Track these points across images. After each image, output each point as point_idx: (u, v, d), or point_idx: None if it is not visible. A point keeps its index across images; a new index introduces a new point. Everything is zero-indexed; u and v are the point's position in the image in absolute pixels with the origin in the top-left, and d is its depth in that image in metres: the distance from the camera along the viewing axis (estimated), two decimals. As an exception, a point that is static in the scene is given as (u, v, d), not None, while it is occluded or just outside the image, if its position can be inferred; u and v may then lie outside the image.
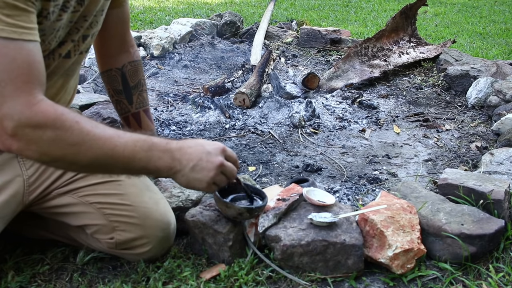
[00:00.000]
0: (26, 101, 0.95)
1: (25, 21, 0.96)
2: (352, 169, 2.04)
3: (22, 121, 0.95)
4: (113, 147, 1.03)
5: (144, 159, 1.07)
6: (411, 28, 3.61)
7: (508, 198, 1.51)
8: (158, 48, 3.54)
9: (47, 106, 0.98)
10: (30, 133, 0.96)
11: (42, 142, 0.98)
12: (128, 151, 1.05)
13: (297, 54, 3.82)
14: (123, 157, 1.05)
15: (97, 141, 1.02)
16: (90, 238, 1.34)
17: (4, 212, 1.20)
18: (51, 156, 1.01)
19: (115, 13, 1.41)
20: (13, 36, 0.94)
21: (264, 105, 2.62)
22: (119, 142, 1.04)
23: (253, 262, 1.34)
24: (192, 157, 1.12)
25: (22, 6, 0.95)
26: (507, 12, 6.07)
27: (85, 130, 1.01)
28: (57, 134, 0.98)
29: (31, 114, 0.96)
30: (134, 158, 1.06)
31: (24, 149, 0.98)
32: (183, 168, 1.11)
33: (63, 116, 0.99)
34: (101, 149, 1.02)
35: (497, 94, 2.54)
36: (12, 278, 1.28)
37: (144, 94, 1.61)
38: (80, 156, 1.02)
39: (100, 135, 1.02)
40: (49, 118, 0.97)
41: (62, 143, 0.99)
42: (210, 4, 6.23)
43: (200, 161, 1.12)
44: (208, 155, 1.13)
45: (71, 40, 1.21)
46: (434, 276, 1.33)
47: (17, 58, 0.95)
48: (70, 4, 1.10)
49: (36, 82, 0.98)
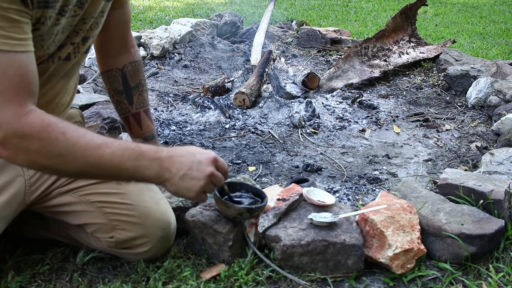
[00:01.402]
0: (15, 113, 0.98)
1: (17, 32, 0.97)
2: (352, 169, 2.04)
3: (10, 131, 0.98)
4: (99, 157, 1.04)
5: (131, 169, 1.07)
6: (411, 28, 3.61)
7: (508, 198, 1.51)
8: (158, 48, 3.54)
9: (34, 118, 1.00)
10: (18, 143, 0.99)
11: (30, 152, 1.00)
12: (115, 161, 1.05)
13: (297, 54, 3.82)
14: (109, 167, 1.06)
15: (83, 152, 1.03)
16: (90, 237, 1.34)
17: (6, 212, 1.20)
18: (39, 164, 1.04)
19: (116, 14, 1.41)
20: (5, 48, 0.95)
21: (264, 105, 2.62)
22: (105, 152, 1.05)
23: (253, 262, 1.34)
24: (182, 166, 1.11)
25: (15, 18, 0.96)
26: (507, 12, 6.07)
27: (71, 141, 1.02)
28: (43, 145, 1.00)
29: (18, 125, 0.98)
30: (121, 168, 1.06)
31: (13, 157, 1.01)
32: (172, 176, 1.11)
33: (49, 127, 1.01)
34: (86, 159, 1.03)
35: (497, 94, 2.54)
36: (12, 278, 1.28)
37: (145, 94, 1.61)
38: (67, 166, 1.04)
39: (87, 145, 1.04)
40: (35, 130, 0.99)
41: (48, 154, 1.01)
42: (210, 4, 6.23)
43: (190, 170, 1.11)
44: (199, 164, 1.13)
45: (71, 43, 1.21)
46: (434, 276, 1.33)
47: (8, 71, 0.97)
48: (68, 8, 1.10)
49: (27, 93, 1.00)
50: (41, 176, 1.27)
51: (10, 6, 0.93)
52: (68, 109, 1.40)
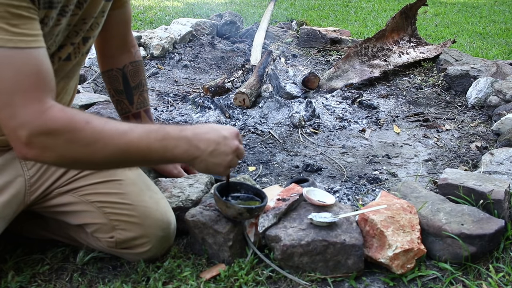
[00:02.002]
0: (37, 109, 0.96)
1: (30, 28, 0.96)
2: (352, 169, 2.04)
3: (34, 129, 0.96)
4: (127, 141, 1.03)
5: (160, 150, 1.07)
6: (411, 28, 3.61)
7: (508, 198, 1.51)
8: (158, 48, 3.54)
9: (57, 112, 0.99)
10: (44, 140, 0.97)
11: (57, 147, 0.99)
12: (143, 144, 1.05)
13: (297, 54, 3.82)
14: (138, 150, 1.05)
15: (111, 138, 1.02)
16: (90, 237, 1.34)
17: (6, 212, 1.20)
18: (68, 159, 1.02)
19: (116, 14, 1.41)
20: (21, 45, 0.94)
21: (264, 105, 2.62)
22: (133, 136, 1.04)
23: (253, 262, 1.34)
24: (210, 142, 1.12)
25: (26, 15, 0.95)
26: (507, 12, 6.07)
27: (97, 129, 1.01)
28: (70, 138, 0.99)
29: (42, 121, 0.96)
30: (150, 150, 1.06)
31: (40, 156, 0.99)
32: (202, 153, 1.12)
33: (74, 118, 1.00)
34: (116, 145, 1.02)
35: (497, 94, 2.54)
36: (12, 278, 1.28)
37: (145, 94, 1.61)
38: (96, 155, 1.02)
39: (113, 131, 1.03)
40: (60, 123, 0.98)
41: (76, 145, 1.00)
42: (210, 4, 6.23)
43: (218, 145, 1.13)
44: (225, 139, 1.14)
45: (71, 43, 1.21)
46: (434, 276, 1.33)
47: (25, 68, 0.96)
48: (68, 9, 1.10)
49: (45, 88, 0.99)
50: (41, 176, 1.27)
51: (20, 4, 0.93)
52: (68, 109, 1.40)
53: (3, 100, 0.95)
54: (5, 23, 0.92)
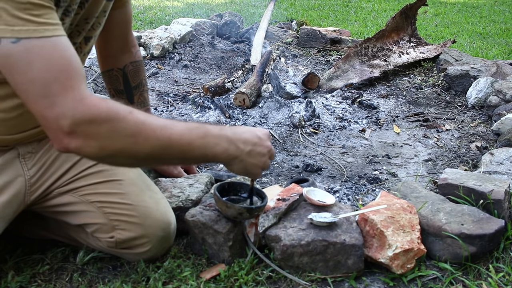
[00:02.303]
0: (76, 97, 0.93)
1: (53, 18, 0.95)
2: (352, 169, 2.04)
3: (77, 117, 0.93)
4: (169, 135, 1.01)
5: (201, 146, 1.06)
6: (411, 28, 3.61)
7: (508, 198, 1.51)
8: (158, 48, 3.54)
9: (98, 100, 0.96)
10: (87, 128, 0.94)
11: (100, 136, 0.95)
12: (185, 139, 1.04)
13: (297, 54, 3.82)
14: (180, 145, 1.03)
15: (154, 130, 1.00)
16: (90, 237, 1.34)
17: (6, 212, 1.20)
18: (110, 149, 0.98)
19: (117, 14, 1.41)
20: (47, 34, 0.93)
21: (264, 105, 2.62)
22: (174, 130, 1.02)
23: (253, 262, 1.34)
24: (248, 142, 1.13)
25: (47, 5, 0.94)
26: (507, 12, 6.07)
27: (140, 120, 0.99)
28: (113, 126, 0.96)
29: (84, 108, 0.93)
30: (191, 146, 1.04)
31: (83, 146, 0.95)
32: (241, 153, 1.12)
33: (115, 107, 0.97)
34: (158, 138, 1.00)
35: (497, 94, 2.54)
36: (12, 278, 1.28)
37: (145, 94, 1.61)
38: (139, 147, 0.99)
39: (155, 124, 1.01)
40: (103, 111, 0.95)
41: (119, 135, 0.97)
42: (210, 4, 6.23)
43: (255, 146, 1.14)
44: (260, 140, 1.15)
45: (73, 43, 1.20)
46: (434, 276, 1.33)
47: (55, 56, 0.93)
48: (72, 9, 1.10)
49: (79, 76, 0.96)
50: (41, 176, 1.27)
51: None
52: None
53: (38, 91, 0.92)
54: (28, 14, 0.91)
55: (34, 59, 0.91)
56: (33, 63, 0.91)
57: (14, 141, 1.20)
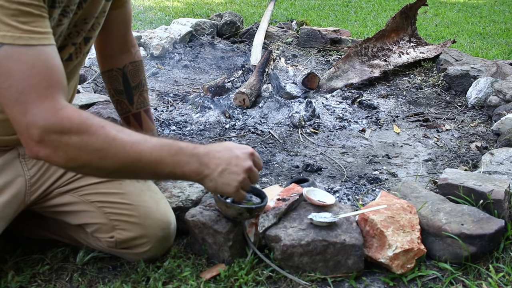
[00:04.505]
0: (51, 107, 0.95)
1: (41, 26, 0.96)
2: (352, 169, 2.04)
3: (48, 127, 0.94)
4: (140, 151, 1.01)
5: (171, 164, 1.05)
6: (411, 28, 3.61)
7: (508, 198, 1.51)
8: (158, 48, 3.54)
9: (72, 111, 0.97)
10: (56, 139, 0.95)
11: (69, 148, 0.97)
12: (155, 155, 1.03)
13: (297, 54, 3.82)
14: (150, 162, 1.03)
15: (124, 146, 1.00)
16: (90, 237, 1.34)
17: (6, 212, 1.20)
18: (78, 161, 0.99)
19: (117, 14, 1.41)
20: (32, 42, 0.94)
21: (264, 105, 2.62)
22: (146, 146, 1.02)
23: (253, 262, 1.34)
24: (221, 162, 1.10)
25: (37, 13, 0.95)
26: (507, 12, 6.07)
27: (111, 134, 0.99)
28: (83, 139, 0.97)
29: (57, 119, 0.95)
30: (161, 163, 1.04)
31: (51, 155, 0.97)
32: (211, 172, 1.09)
33: (89, 120, 0.98)
34: (127, 153, 1.00)
35: (497, 94, 2.54)
36: (12, 278, 1.28)
37: (145, 94, 1.61)
38: (107, 161, 1.00)
39: (127, 139, 1.01)
40: (74, 123, 0.96)
41: (88, 148, 0.98)
42: (210, 4, 6.23)
43: (228, 165, 1.10)
44: (237, 159, 1.12)
45: (72, 44, 1.21)
46: (434, 276, 1.33)
47: (37, 64, 0.94)
48: (70, 9, 1.10)
49: (58, 86, 0.97)
50: (41, 176, 1.27)
51: (31, 1, 0.93)
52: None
53: (15, 97, 0.93)
54: (15, 20, 0.91)
55: (14, 65, 0.92)
56: (13, 70, 0.93)
57: (14, 141, 1.20)
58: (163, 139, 1.08)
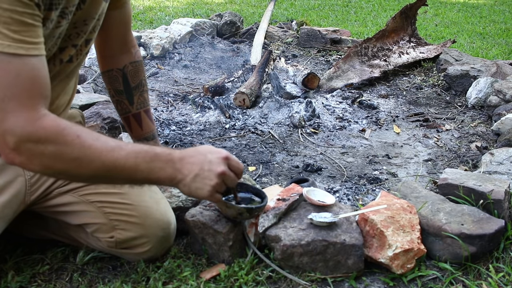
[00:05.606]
0: (29, 116, 0.96)
1: (32, 36, 0.96)
2: (352, 169, 2.04)
3: (23, 136, 0.96)
4: (115, 160, 1.04)
5: (146, 171, 1.07)
6: (411, 28, 3.61)
7: (508, 198, 1.51)
8: (158, 48, 3.54)
9: (49, 121, 0.99)
10: (32, 148, 0.97)
11: (44, 157, 0.99)
12: (130, 163, 1.05)
13: (297, 54, 3.82)
14: (124, 169, 1.05)
15: (99, 155, 1.02)
16: (90, 237, 1.34)
17: (6, 212, 1.20)
18: (54, 170, 1.02)
19: (116, 14, 1.41)
20: (20, 52, 0.94)
21: (264, 105, 2.62)
22: (120, 154, 1.04)
23: (253, 262, 1.34)
24: (193, 167, 1.11)
25: (30, 22, 0.95)
26: (507, 12, 6.07)
27: (86, 144, 1.01)
28: (59, 149, 0.99)
29: (33, 129, 0.97)
30: (136, 170, 1.06)
31: (26, 163, 1.00)
32: (184, 178, 1.11)
33: (65, 131, 1.00)
34: (102, 162, 1.03)
35: (497, 94, 2.54)
36: (12, 278, 1.28)
37: (145, 94, 1.61)
38: (82, 170, 1.03)
39: (102, 148, 1.03)
40: (50, 133, 0.98)
41: (64, 158, 1.00)
42: (210, 4, 6.23)
43: (201, 171, 1.12)
44: (209, 164, 1.12)
45: (73, 45, 1.20)
46: (434, 276, 1.33)
47: (21, 74, 0.96)
48: (68, 11, 1.10)
49: (40, 96, 0.99)
50: (41, 176, 1.27)
51: (25, 10, 0.93)
52: (68, 109, 1.40)
53: None
54: (7, 28, 0.92)
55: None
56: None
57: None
58: (139, 146, 1.10)
